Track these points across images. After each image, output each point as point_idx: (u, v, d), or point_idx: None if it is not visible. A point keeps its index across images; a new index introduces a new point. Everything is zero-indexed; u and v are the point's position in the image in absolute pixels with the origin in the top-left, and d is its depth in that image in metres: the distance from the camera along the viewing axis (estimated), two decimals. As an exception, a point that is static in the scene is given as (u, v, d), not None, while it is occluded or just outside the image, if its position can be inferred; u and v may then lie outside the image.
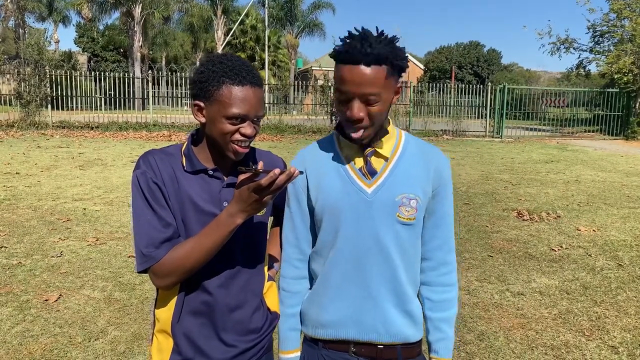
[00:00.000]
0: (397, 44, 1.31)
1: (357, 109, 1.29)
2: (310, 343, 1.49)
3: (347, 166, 1.40)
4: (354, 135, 1.33)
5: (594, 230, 6.10)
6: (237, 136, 1.29)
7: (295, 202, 1.46)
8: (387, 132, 1.42)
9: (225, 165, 1.38)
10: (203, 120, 1.32)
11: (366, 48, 1.25)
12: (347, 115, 1.31)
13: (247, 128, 1.29)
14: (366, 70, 1.26)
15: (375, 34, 1.31)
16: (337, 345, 1.44)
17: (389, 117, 1.43)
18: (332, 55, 1.33)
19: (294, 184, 1.43)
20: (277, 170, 1.16)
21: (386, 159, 1.40)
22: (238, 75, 1.27)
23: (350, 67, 1.27)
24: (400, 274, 1.40)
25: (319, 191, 1.40)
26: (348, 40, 1.30)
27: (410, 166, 1.41)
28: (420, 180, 1.40)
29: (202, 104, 1.31)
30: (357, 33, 1.30)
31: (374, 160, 1.40)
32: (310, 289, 1.51)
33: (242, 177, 1.21)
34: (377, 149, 1.40)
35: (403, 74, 1.39)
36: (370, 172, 1.39)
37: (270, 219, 1.63)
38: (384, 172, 1.39)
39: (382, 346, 1.41)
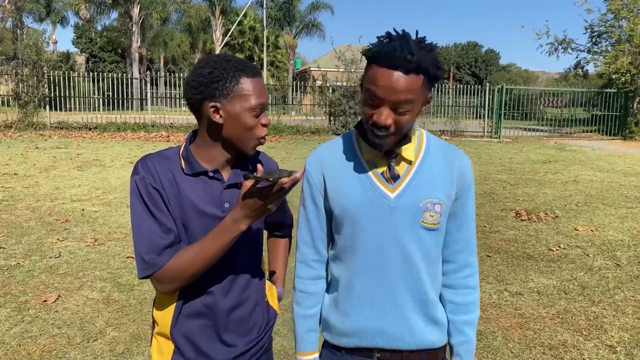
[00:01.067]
0: (436, 52, 1.24)
1: (386, 116, 1.23)
2: (331, 349, 1.46)
3: (369, 170, 1.35)
4: (376, 140, 1.28)
5: (592, 230, 6.12)
6: (260, 130, 1.34)
7: (312, 203, 1.41)
8: (409, 140, 1.36)
9: (225, 167, 1.38)
10: (221, 121, 1.30)
11: (407, 54, 1.18)
12: (373, 119, 1.25)
13: (265, 117, 1.35)
14: (403, 77, 1.19)
15: (414, 38, 1.23)
16: (361, 352, 1.41)
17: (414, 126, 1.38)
18: (366, 54, 1.26)
19: (309, 184, 1.41)
20: (284, 179, 1.16)
21: (409, 162, 1.35)
22: (250, 68, 1.31)
23: (387, 70, 1.20)
24: (425, 280, 1.37)
25: (339, 196, 1.36)
26: (386, 41, 1.22)
27: (433, 169, 1.36)
28: (444, 184, 1.35)
29: (218, 104, 1.29)
30: (396, 34, 1.23)
31: (396, 165, 1.35)
32: (329, 291, 1.48)
33: (247, 183, 1.20)
34: (400, 154, 1.35)
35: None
36: (392, 177, 1.34)
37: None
38: (407, 176, 1.34)
39: (407, 352, 1.39)
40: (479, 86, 20.97)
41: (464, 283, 1.44)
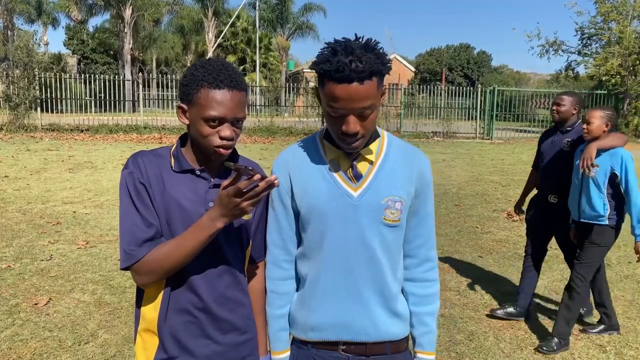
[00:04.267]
0: (380, 49, 1.28)
1: (354, 125, 1.29)
2: (299, 344, 1.51)
3: (332, 170, 1.41)
4: (348, 147, 1.34)
5: (582, 231, 6.15)
6: (216, 140, 1.33)
7: (280, 204, 1.46)
8: (377, 135, 1.44)
9: (212, 166, 1.42)
10: (187, 122, 1.38)
11: (357, 64, 1.22)
12: (342, 129, 1.31)
13: (225, 130, 1.33)
14: (360, 87, 1.25)
15: (356, 41, 1.27)
16: (326, 345, 1.46)
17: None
18: (315, 69, 1.29)
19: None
20: (257, 176, 1.19)
21: (371, 162, 1.41)
22: (215, 79, 1.31)
23: (343, 86, 1.25)
24: (387, 274, 1.42)
25: (305, 195, 1.41)
26: (332, 55, 1.25)
27: (394, 169, 1.42)
28: (404, 183, 1.42)
29: (185, 107, 1.36)
30: (339, 47, 1.25)
31: (359, 164, 1.41)
32: (298, 290, 1.52)
33: (225, 182, 1.24)
34: (362, 153, 1.40)
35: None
36: (355, 176, 1.40)
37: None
38: (369, 176, 1.40)
39: (370, 344, 1.44)
40: (471, 88, 21.11)
41: (425, 276, 1.52)
